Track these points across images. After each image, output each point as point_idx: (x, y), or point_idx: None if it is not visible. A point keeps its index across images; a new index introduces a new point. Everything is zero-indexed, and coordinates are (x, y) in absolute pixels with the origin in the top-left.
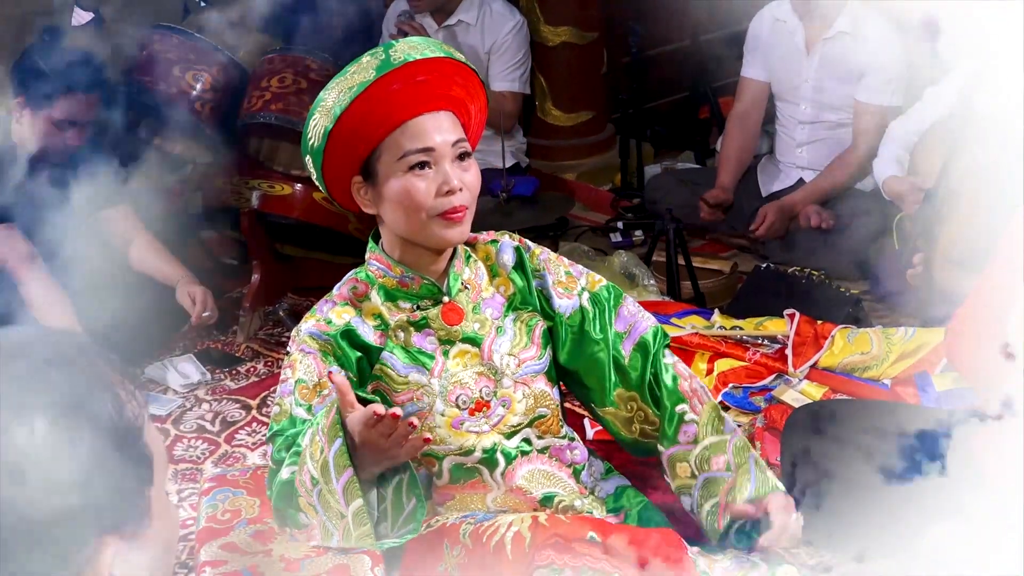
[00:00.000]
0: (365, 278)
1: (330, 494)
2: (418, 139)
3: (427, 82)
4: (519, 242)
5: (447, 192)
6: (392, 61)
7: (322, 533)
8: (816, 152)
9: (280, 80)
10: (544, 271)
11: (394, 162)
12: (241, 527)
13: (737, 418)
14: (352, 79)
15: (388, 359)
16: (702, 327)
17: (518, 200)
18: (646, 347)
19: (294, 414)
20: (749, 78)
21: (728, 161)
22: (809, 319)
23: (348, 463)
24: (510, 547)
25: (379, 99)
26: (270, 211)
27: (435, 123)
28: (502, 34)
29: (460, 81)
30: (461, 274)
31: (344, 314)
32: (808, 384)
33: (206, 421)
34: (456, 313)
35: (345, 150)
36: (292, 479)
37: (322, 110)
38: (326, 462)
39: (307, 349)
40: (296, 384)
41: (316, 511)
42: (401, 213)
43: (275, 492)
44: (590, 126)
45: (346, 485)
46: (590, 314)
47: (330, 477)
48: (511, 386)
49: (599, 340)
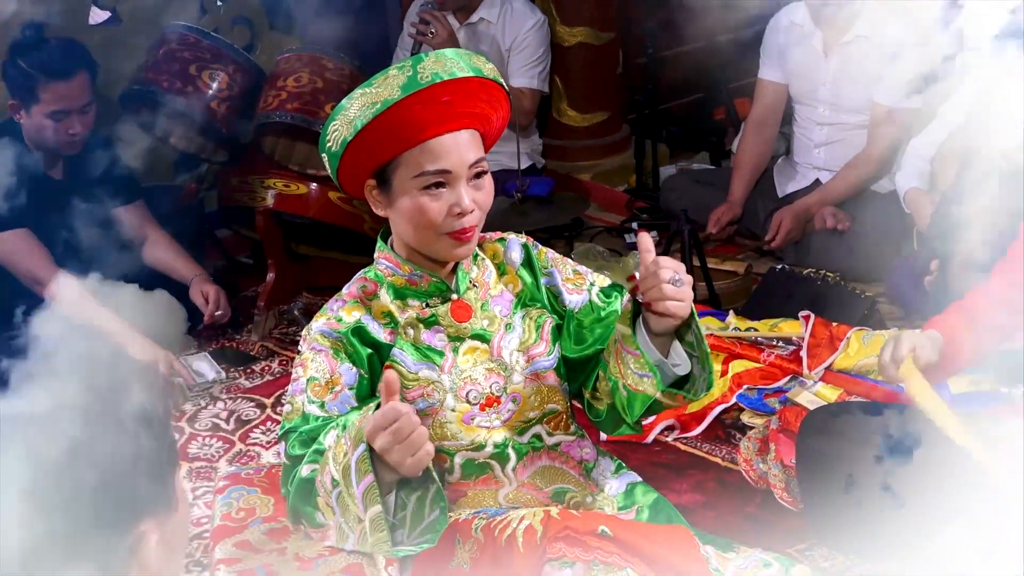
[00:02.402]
0: (374, 277)
1: (349, 498)
2: (437, 160)
3: (453, 102)
4: (526, 240)
5: (458, 213)
6: (419, 80)
7: (338, 535)
8: (833, 153)
9: (296, 79)
10: (553, 268)
11: (410, 179)
12: (255, 525)
13: (752, 420)
14: (376, 94)
15: (398, 356)
16: (716, 328)
17: (533, 200)
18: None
19: (306, 411)
20: (766, 80)
21: (742, 169)
22: (824, 321)
23: (369, 469)
24: (521, 540)
25: (402, 119)
26: (285, 210)
27: (455, 143)
28: (523, 31)
29: (485, 97)
30: (469, 272)
31: (354, 312)
32: (823, 386)
33: (221, 419)
34: (465, 310)
35: (362, 158)
36: (312, 477)
37: (343, 119)
38: (348, 466)
39: (319, 347)
40: (308, 382)
41: (334, 512)
42: (411, 227)
43: (293, 489)
44: (605, 127)
45: (366, 490)
46: (598, 307)
47: (351, 481)
48: (521, 382)
49: (598, 333)
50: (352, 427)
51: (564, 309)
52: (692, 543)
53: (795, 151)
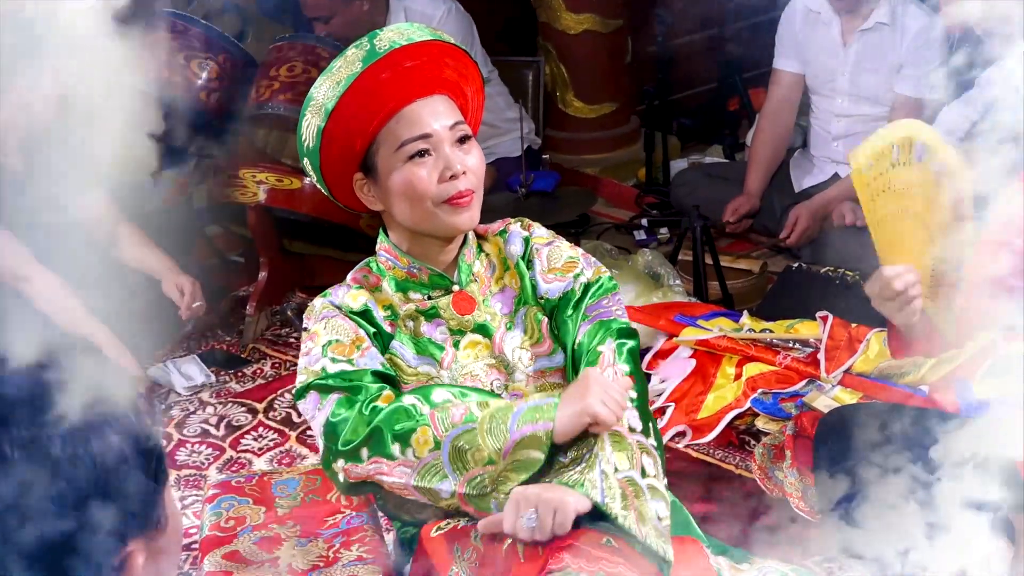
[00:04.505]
0: (376, 269)
1: (491, 435)
2: (414, 126)
3: (417, 67)
4: (527, 229)
5: (450, 177)
6: (378, 50)
7: (420, 472)
8: (852, 146)
9: (290, 69)
10: (535, 258)
11: (392, 153)
12: (245, 534)
13: (767, 425)
14: (339, 73)
15: (398, 349)
16: (730, 330)
17: (538, 195)
18: (593, 331)
19: (330, 371)
20: (782, 70)
21: (758, 161)
22: (843, 322)
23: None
24: (522, 550)
25: (369, 90)
26: (278, 206)
27: (430, 108)
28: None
29: (451, 63)
30: (471, 264)
31: (360, 296)
32: (841, 390)
33: (210, 425)
34: (468, 302)
35: (341, 147)
36: (411, 407)
37: (313, 108)
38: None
39: (330, 314)
40: (327, 346)
41: (436, 447)
42: (406, 204)
43: (386, 413)
44: (614, 118)
45: (530, 435)
46: (575, 296)
47: (509, 421)
48: (523, 380)
49: (570, 317)
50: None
51: (543, 299)
52: (701, 554)
53: (812, 144)
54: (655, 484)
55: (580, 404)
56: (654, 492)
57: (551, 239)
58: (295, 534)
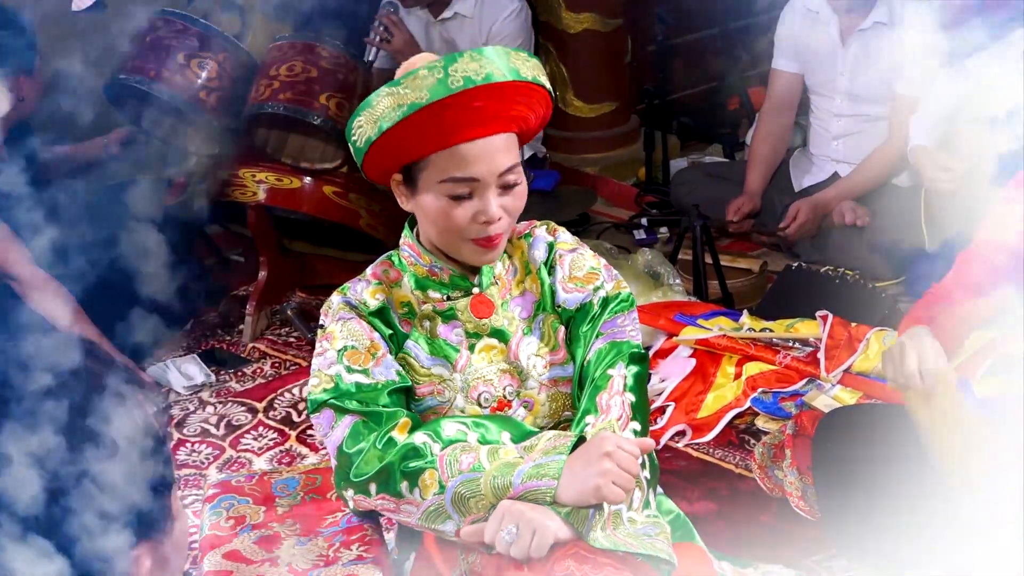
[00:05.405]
0: (398, 263)
1: (493, 486)
2: (466, 167)
3: (485, 107)
4: (552, 234)
5: (484, 222)
6: (450, 86)
7: (426, 514)
8: (852, 145)
9: (289, 68)
10: (556, 265)
11: (436, 183)
12: (245, 533)
13: (766, 424)
14: (404, 96)
15: (412, 349)
16: (730, 329)
17: (537, 195)
18: (605, 351)
19: (346, 381)
20: (780, 70)
21: (758, 161)
22: (843, 321)
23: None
24: None
25: (430, 122)
26: (277, 205)
27: (487, 149)
28: (499, 20)
29: (523, 100)
30: (493, 266)
31: (378, 294)
32: (841, 389)
33: (210, 424)
34: (486, 306)
35: (388, 156)
36: (422, 446)
37: (368, 116)
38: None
39: (347, 315)
40: (342, 352)
41: (441, 489)
42: (434, 228)
43: (388, 451)
44: (613, 117)
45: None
46: (592, 310)
47: (512, 475)
48: (535, 387)
49: (584, 332)
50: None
51: (560, 308)
52: (705, 560)
53: (812, 143)
54: (635, 517)
55: (591, 483)
56: (633, 523)
57: (575, 246)
58: (295, 533)
